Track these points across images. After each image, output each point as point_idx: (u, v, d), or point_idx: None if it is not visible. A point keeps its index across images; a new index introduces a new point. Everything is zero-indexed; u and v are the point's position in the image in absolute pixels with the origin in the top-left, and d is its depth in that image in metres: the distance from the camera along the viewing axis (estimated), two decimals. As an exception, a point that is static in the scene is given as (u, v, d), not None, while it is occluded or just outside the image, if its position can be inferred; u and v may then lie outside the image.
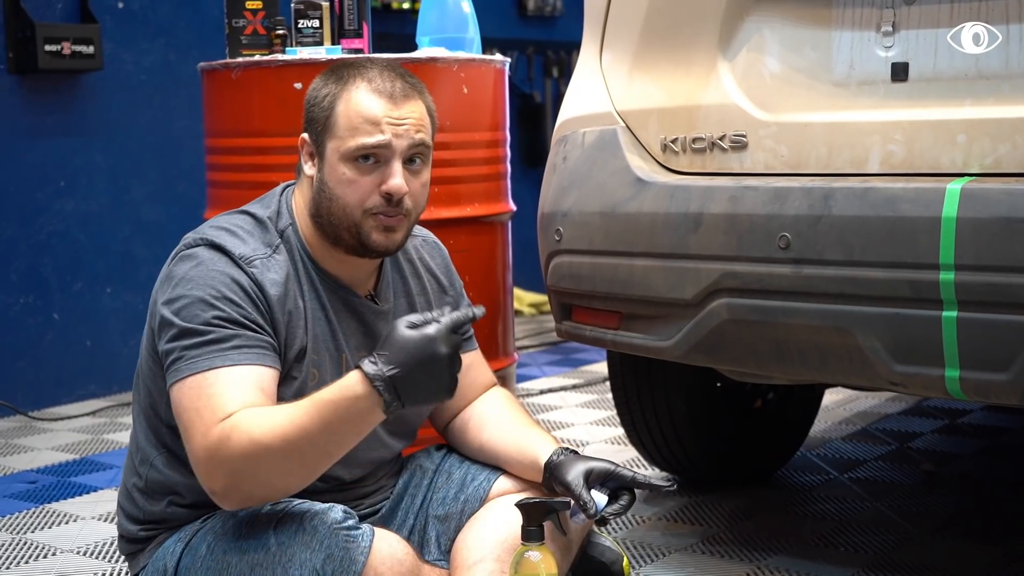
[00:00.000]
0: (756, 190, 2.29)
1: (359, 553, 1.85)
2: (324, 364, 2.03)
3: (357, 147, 1.97)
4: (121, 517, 2.14)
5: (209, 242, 1.98)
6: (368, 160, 1.98)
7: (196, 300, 1.92)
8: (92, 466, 3.71)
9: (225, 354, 1.89)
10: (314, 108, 2.03)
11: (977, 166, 2.10)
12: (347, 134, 1.98)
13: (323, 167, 2.01)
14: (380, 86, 2.00)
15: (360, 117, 1.98)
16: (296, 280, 2.02)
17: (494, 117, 2.97)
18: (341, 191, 1.99)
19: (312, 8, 2.86)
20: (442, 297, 2.24)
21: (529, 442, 2.12)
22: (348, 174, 1.98)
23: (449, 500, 2.15)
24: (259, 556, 1.88)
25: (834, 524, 2.94)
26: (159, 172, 4.80)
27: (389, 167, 1.98)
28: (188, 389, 1.88)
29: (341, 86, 2.01)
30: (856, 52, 2.29)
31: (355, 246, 2.02)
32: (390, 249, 2.04)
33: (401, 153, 1.99)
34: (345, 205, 1.99)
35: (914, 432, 3.79)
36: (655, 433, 3.08)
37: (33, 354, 4.46)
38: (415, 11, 5.77)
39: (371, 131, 1.97)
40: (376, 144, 1.97)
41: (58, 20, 4.47)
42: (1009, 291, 1.98)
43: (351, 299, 2.08)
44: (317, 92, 2.04)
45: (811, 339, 2.23)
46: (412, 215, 2.04)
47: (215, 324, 1.90)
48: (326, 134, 2.01)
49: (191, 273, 1.95)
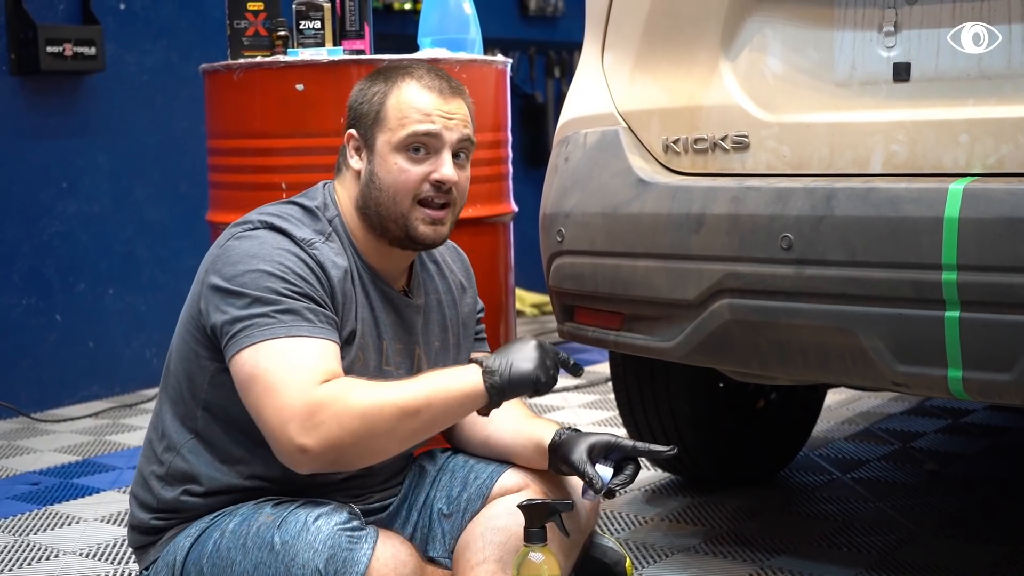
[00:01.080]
0: (758, 191, 2.29)
1: (362, 555, 1.85)
2: (368, 349, 2.08)
3: (410, 135, 2.04)
4: (134, 506, 2.14)
5: (269, 224, 2.02)
6: (419, 151, 2.05)
7: (265, 273, 1.95)
8: (95, 467, 3.71)
9: (302, 325, 1.92)
10: (363, 104, 2.10)
11: (980, 166, 2.10)
12: (399, 125, 2.05)
13: (373, 159, 2.07)
14: (429, 83, 2.08)
15: (412, 108, 2.05)
16: (347, 268, 2.07)
17: (496, 118, 2.97)
18: (392, 180, 2.05)
19: (313, 9, 2.86)
20: (464, 300, 2.29)
21: (531, 429, 2.17)
22: (400, 163, 2.05)
23: (453, 498, 2.16)
24: (263, 555, 1.89)
25: (837, 524, 2.94)
26: (161, 173, 4.80)
27: (439, 157, 2.06)
28: (269, 352, 1.90)
29: (391, 84, 2.09)
30: (858, 52, 2.29)
31: (401, 238, 2.08)
32: (436, 241, 2.10)
33: (451, 145, 2.07)
34: (396, 194, 2.05)
35: (917, 432, 3.79)
36: (658, 434, 3.08)
37: (35, 355, 4.46)
38: (417, 12, 5.77)
39: (423, 120, 2.05)
40: (427, 132, 2.04)
41: (60, 21, 4.47)
42: (1012, 291, 1.98)
43: (388, 291, 2.13)
44: (365, 91, 2.11)
45: (814, 339, 2.23)
46: (457, 207, 2.12)
47: (287, 295, 1.94)
48: (376, 127, 2.07)
49: (255, 250, 1.98)
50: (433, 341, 2.20)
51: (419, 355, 2.16)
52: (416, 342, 2.16)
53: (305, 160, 2.80)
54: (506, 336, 3.01)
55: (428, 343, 2.18)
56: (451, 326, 2.24)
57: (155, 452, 2.12)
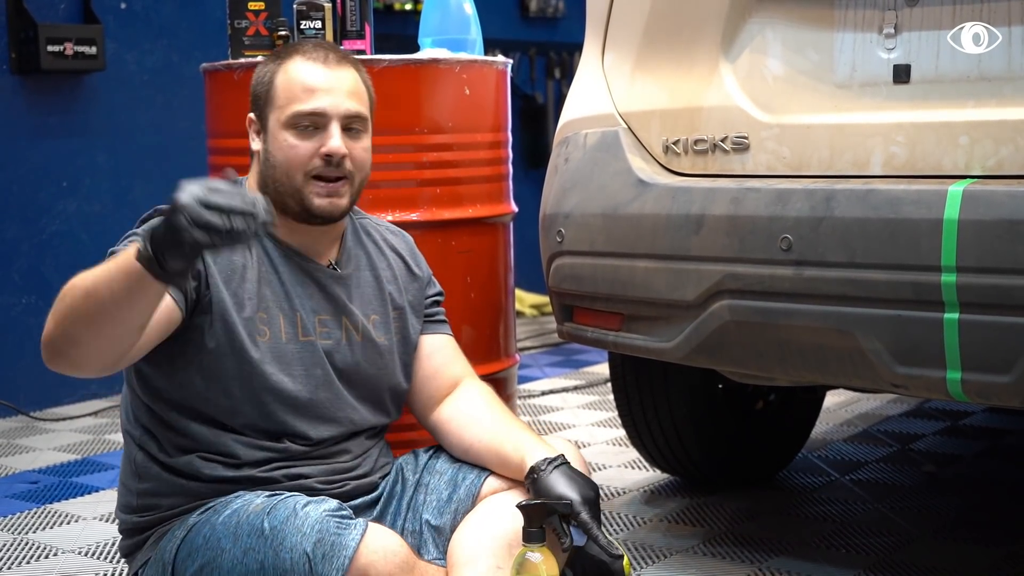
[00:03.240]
0: (758, 192, 2.29)
1: (350, 539, 1.86)
2: (276, 322, 2.10)
3: (294, 113, 2.08)
4: (118, 513, 2.18)
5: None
6: (307, 128, 2.09)
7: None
8: (94, 466, 3.71)
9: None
10: (256, 86, 2.16)
11: (979, 168, 2.10)
12: (285, 103, 2.10)
13: (267, 139, 2.12)
14: (313, 55, 2.12)
15: (297, 85, 2.09)
16: (246, 248, 2.10)
17: (496, 118, 2.97)
18: (283, 156, 2.10)
19: (314, 9, 2.86)
20: (412, 280, 2.30)
21: (507, 454, 2.14)
22: (289, 140, 2.09)
23: (443, 502, 2.17)
24: (252, 540, 1.91)
25: (835, 525, 2.94)
26: (161, 172, 4.80)
27: (327, 131, 2.09)
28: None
29: (279, 62, 2.14)
30: (858, 54, 2.29)
31: (300, 212, 2.11)
32: (334, 215, 2.12)
33: (339, 118, 2.09)
34: (288, 170, 2.09)
35: (916, 434, 3.79)
36: (656, 434, 3.09)
37: (35, 354, 4.40)
38: (417, 12, 5.77)
39: (307, 97, 2.09)
40: (312, 110, 2.08)
41: (61, 21, 4.47)
42: (1011, 293, 1.98)
43: (310, 267, 2.16)
44: (259, 72, 2.17)
45: (813, 341, 2.23)
46: (356, 179, 2.14)
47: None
48: (267, 107, 2.12)
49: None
50: (369, 313, 2.21)
51: (347, 324, 2.18)
52: (343, 312, 2.18)
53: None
54: (505, 337, 3.01)
55: (363, 313, 2.20)
56: (391, 300, 2.25)
57: (124, 453, 2.18)
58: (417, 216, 2.78)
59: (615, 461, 3.56)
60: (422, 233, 2.53)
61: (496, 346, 2.94)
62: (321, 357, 2.14)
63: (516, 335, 3.10)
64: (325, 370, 2.14)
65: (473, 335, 2.78)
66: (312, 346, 2.13)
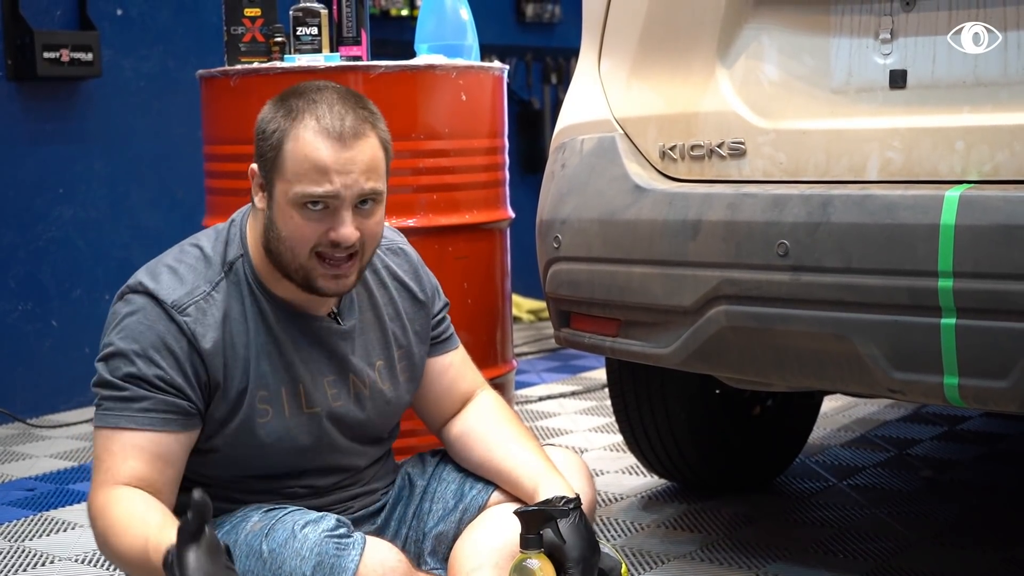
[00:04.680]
0: (754, 197, 2.29)
1: (349, 561, 1.85)
2: (278, 399, 2.03)
3: (304, 195, 1.92)
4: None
5: (145, 290, 1.98)
6: (317, 206, 1.93)
7: (120, 352, 1.96)
8: (90, 474, 3.70)
9: (132, 416, 1.95)
10: (263, 143, 1.97)
11: (975, 173, 2.10)
12: (294, 179, 1.92)
13: (272, 206, 1.97)
14: (329, 124, 1.92)
15: (308, 163, 1.91)
16: (242, 317, 2.01)
17: (492, 124, 2.97)
18: (289, 233, 1.95)
19: (310, 15, 2.86)
20: (417, 309, 2.21)
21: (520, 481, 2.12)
22: (296, 219, 1.94)
23: (448, 511, 2.16)
24: (251, 563, 1.89)
25: (833, 531, 2.94)
26: (158, 179, 4.80)
27: (338, 215, 1.93)
28: (99, 439, 1.99)
29: (290, 122, 1.94)
30: (854, 59, 2.29)
31: (303, 286, 2.00)
32: (340, 293, 2.03)
33: (350, 201, 1.94)
34: (294, 247, 1.95)
35: (913, 439, 3.79)
36: (654, 440, 3.08)
37: (31, 361, 4.45)
38: (414, 18, 5.77)
39: (319, 180, 1.91)
40: (324, 194, 1.92)
41: (57, 27, 4.47)
42: (1008, 298, 1.98)
43: (311, 324, 2.06)
44: (266, 125, 1.98)
45: (810, 346, 2.23)
46: (365, 254, 2.01)
47: (130, 382, 1.95)
48: (275, 173, 1.95)
49: (125, 321, 1.98)
50: (374, 361, 2.14)
51: (355, 382, 2.11)
52: (350, 370, 2.10)
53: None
54: (503, 343, 3.01)
55: (368, 364, 2.13)
56: (395, 341, 2.17)
57: None
58: (414, 222, 2.78)
59: (612, 467, 3.56)
60: (419, 239, 2.52)
61: (493, 352, 2.95)
62: (327, 426, 2.08)
63: (513, 341, 3.10)
64: (331, 437, 2.09)
65: (470, 341, 2.77)
66: (317, 417, 2.07)
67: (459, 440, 2.22)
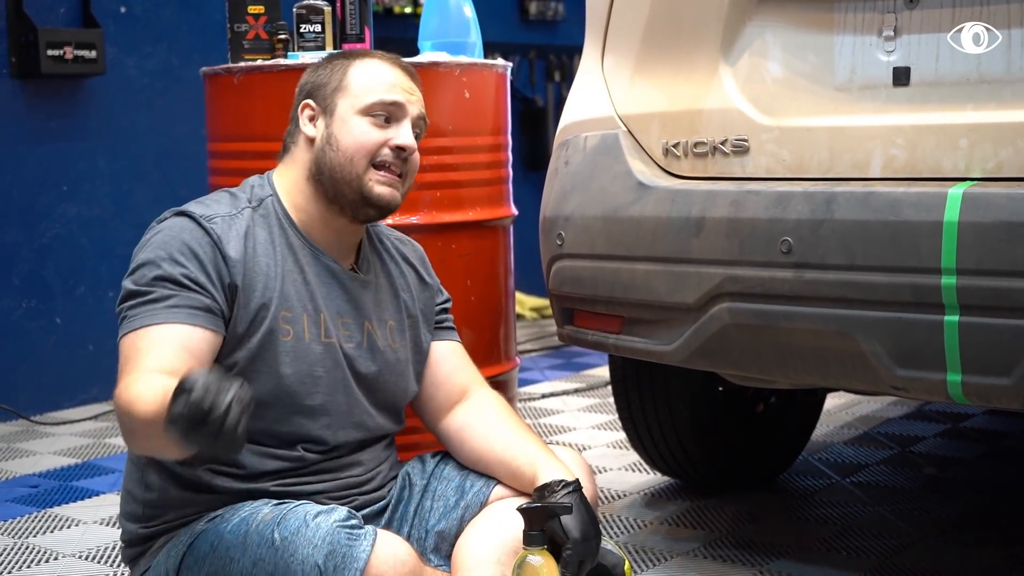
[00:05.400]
0: (758, 194, 2.29)
1: (361, 551, 1.85)
2: (300, 322, 2.08)
3: (377, 102, 2.10)
4: (122, 521, 2.15)
5: (176, 211, 2.09)
6: (381, 117, 2.10)
7: (145, 263, 2.02)
8: (94, 470, 3.71)
9: (157, 312, 1.97)
10: (321, 76, 2.15)
11: (979, 170, 2.10)
12: (364, 91, 2.10)
13: (331, 123, 2.11)
14: (391, 62, 2.16)
15: (378, 78, 2.12)
16: (270, 242, 2.09)
17: (496, 121, 2.97)
18: (352, 140, 2.09)
19: (314, 13, 2.86)
20: (423, 289, 2.30)
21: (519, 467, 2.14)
22: (361, 126, 2.09)
23: (450, 508, 2.16)
24: (262, 551, 1.89)
25: (836, 528, 2.94)
26: (161, 176, 4.81)
27: (400, 125, 2.11)
28: (124, 346, 1.97)
29: (352, 59, 2.15)
30: (858, 56, 2.29)
31: (355, 201, 2.10)
32: (390, 205, 2.12)
33: (412, 117, 2.12)
34: (354, 155, 2.09)
35: (916, 436, 3.79)
36: (657, 437, 3.08)
37: (35, 358, 4.46)
38: (417, 15, 5.77)
39: (390, 90, 2.11)
40: (393, 102, 2.10)
41: (60, 25, 4.47)
42: (1011, 295, 1.98)
43: (333, 266, 2.15)
44: (321, 68, 2.17)
45: (813, 343, 2.23)
46: (407, 181, 2.16)
47: (156, 284, 1.99)
48: (338, 94, 2.12)
49: (151, 240, 2.06)
50: (387, 319, 2.20)
51: (369, 329, 2.17)
52: (365, 316, 2.16)
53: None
54: (506, 340, 3.01)
55: (380, 319, 2.19)
56: (405, 308, 2.24)
57: (129, 461, 2.15)
58: (417, 219, 2.78)
59: (615, 464, 3.56)
60: (422, 236, 2.53)
61: (496, 349, 2.94)
62: (341, 360, 2.12)
63: (516, 338, 3.10)
64: (345, 374, 2.13)
65: (473, 338, 2.78)
66: (333, 349, 2.11)
67: (458, 434, 2.23)
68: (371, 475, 2.19)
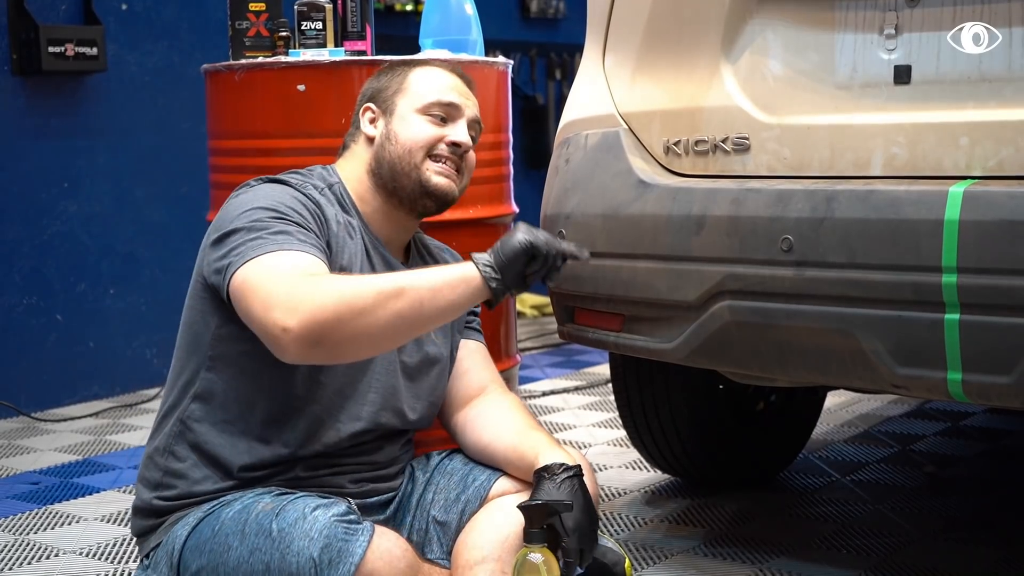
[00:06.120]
0: (759, 192, 2.29)
1: (357, 546, 1.86)
2: None
3: (435, 101, 2.20)
4: (138, 487, 2.16)
5: (265, 178, 2.13)
6: (439, 117, 2.20)
7: (257, 207, 2.02)
8: (95, 467, 3.71)
9: (291, 242, 1.97)
10: (383, 81, 2.26)
11: (980, 169, 2.10)
12: (424, 92, 2.21)
13: (391, 121, 2.21)
14: (450, 67, 2.28)
15: (437, 81, 2.23)
16: (346, 223, 2.14)
17: (497, 119, 2.97)
18: (411, 134, 2.18)
19: (315, 10, 2.86)
20: None
21: (527, 448, 2.14)
22: (420, 122, 2.19)
23: (451, 501, 2.17)
24: (259, 541, 1.91)
25: (836, 526, 2.94)
26: (162, 173, 4.81)
27: (456, 125, 2.21)
28: (256, 267, 1.94)
29: (411, 66, 2.27)
30: (859, 55, 2.29)
31: (412, 191, 2.17)
32: (448, 196, 2.20)
33: (467, 119, 2.22)
34: (412, 147, 2.17)
35: (916, 435, 3.79)
36: (657, 435, 3.09)
37: (36, 355, 4.46)
38: (418, 13, 5.77)
39: (447, 92, 2.22)
40: (451, 103, 2.20)
41: (62, 22, 4.47)
42: (1012, 294, 1.98)
43: (390, 259, 2.21)
44: (384, 74, 2.27)
45: (813, 341, 2.23)
46: (464, 179, 2.24)
47: (277, 219, 2.00)
48: (399, 95, 2.22)
49: (247, 200, 2.06)
50: None
51: None
52: None
53: (306, 160, 2.77)
54: (507, 338, 3.01)
55: None
56: None
57: (159, 428, 2.15)
58: (418, 217, 2.78)
59: (616, 462, 3.56)
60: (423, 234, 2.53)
61: (497, 347, 2.94)
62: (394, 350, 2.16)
63: (517, 336, 3.10)
64: (395, 357, 2.17)
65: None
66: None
67: (471, 422, 2.24)
68: (390, 461, 2.21)
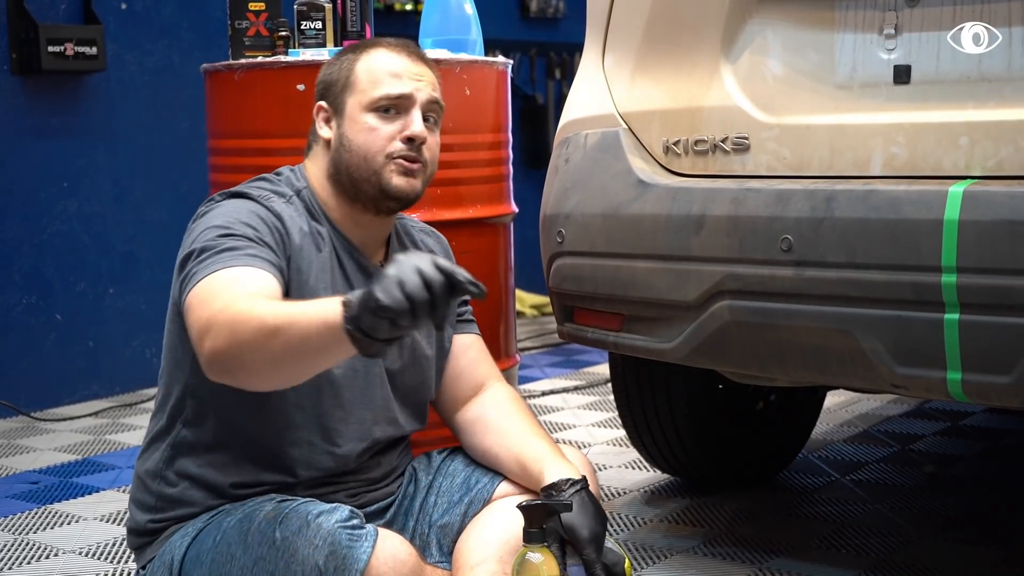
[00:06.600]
0: (758, 192, 2.29)
1: (362, 552, 1.85)
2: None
3: (381, 97, 2.06)
4: (132, 509, 2.15)
5: (228, 193, 2.06)
6: (389, 111, 2.07)
7: (212, 227, 1.97)
8: (94, 467, 3.71)
9: (236, 258, 1.91)
10: (332, 73, 2.13)
11: (979, 169, 2.10)
12: (369, 87, 2.08)
13: (343, 123, 2.09)
14: (397, 47, 2.12)
15: (382, 71, 2.08)
16: (314, 233, 2.07)
17: (496, 119, 2.97)
18: (363, 139, 2.07)
19: (315, 9, 2.86)
20: None
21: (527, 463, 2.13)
22: (370, 123, 2.07)
23: (454, 503, 2.16)
24: (263, 550, 1.89)
25: (836, 526, 2.94)
26: (162, 173, 4.81)
27: (410, 116, 2.07)
28: (199, 290, 1.87)
29: (358, 53, 2.12)
30: (859, 54, 2.29)
31: (375, 196, 2.07)
32: (410, 196, 2.09)
33: (421, 105, 2.08)
34: (367, 153, 2.06)
35: (916, 434, 3.79)
36: (657, 435, 3.09)
37: (35, 354, 4.46)
38: (418, 13, 5.77)
39: (393, 83, 2.07)
40: (399, 95, 2.07)
41: (61, 21, 4.47)
42: (1011, 294, 1.98)
43: (365, 263, 2.13)
44: (333, 63, 2.14)
45: (813, 341, 2.23)
46: (428, 169, 2.11)
47: (228, 236, 1.94)
48: (346, 92, 2.09)
49: (210, 215, 2.01)
50: None
51: None
52: None
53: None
54: (506, 337, 3.01)
55: None
56: None
57: (149, 450, 2.13)
58: (418, 216, 2.78)
59: (615, 461, 3.56)
60: (423, 233, 2.52)
61: (496, 346, 2.94)
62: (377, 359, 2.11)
63: (516, 335, 3.10)
64: (380, 369, 2.13)
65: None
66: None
67: (473, 425, 2.23)
68: (386, 483, 2.19)
